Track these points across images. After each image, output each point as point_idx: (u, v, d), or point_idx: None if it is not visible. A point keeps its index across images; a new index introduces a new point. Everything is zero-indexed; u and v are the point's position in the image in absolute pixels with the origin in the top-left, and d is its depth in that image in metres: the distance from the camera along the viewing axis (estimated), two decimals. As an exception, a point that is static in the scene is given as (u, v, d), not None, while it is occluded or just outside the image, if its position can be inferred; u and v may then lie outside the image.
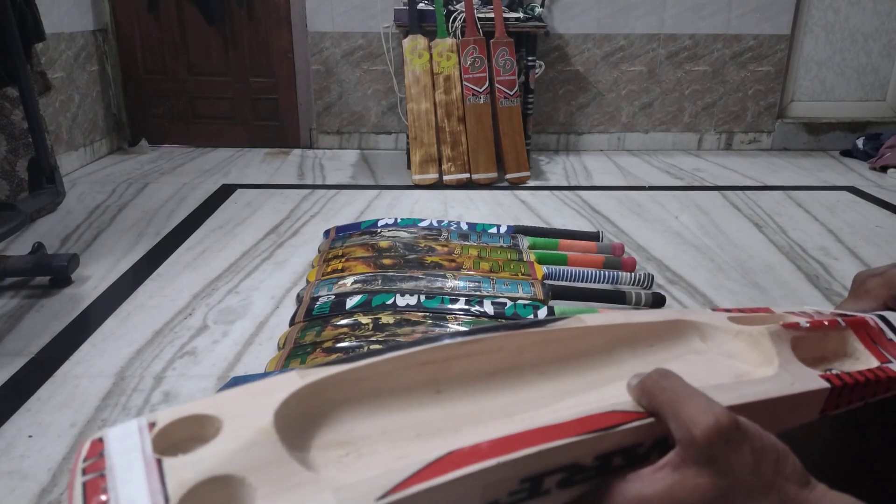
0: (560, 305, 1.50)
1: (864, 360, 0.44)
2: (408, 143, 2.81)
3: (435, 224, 2.03)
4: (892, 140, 3.09)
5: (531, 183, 2.79)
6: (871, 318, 0.46)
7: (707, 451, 0.30)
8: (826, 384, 0.39)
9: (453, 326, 1.38)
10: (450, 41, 2.73)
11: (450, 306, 1.46)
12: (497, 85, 2.75)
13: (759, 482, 0.30)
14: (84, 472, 0.28)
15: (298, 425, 0.33)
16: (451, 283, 1.57)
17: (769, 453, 0.31)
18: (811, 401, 0.39)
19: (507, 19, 2.78)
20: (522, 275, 1.66)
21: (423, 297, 1.49)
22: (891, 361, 0.43)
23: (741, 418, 0.31)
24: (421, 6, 2.79)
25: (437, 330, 1.36)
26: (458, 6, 2.78)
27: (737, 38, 3.29)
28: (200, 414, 0.31)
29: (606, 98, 3.35)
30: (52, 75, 2.64)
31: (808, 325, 0.43)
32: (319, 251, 1.91)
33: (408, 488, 0.28)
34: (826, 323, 0.44)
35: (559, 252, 1.84)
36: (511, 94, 2.77)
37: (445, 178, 2.72)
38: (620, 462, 0.34)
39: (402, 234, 1.94)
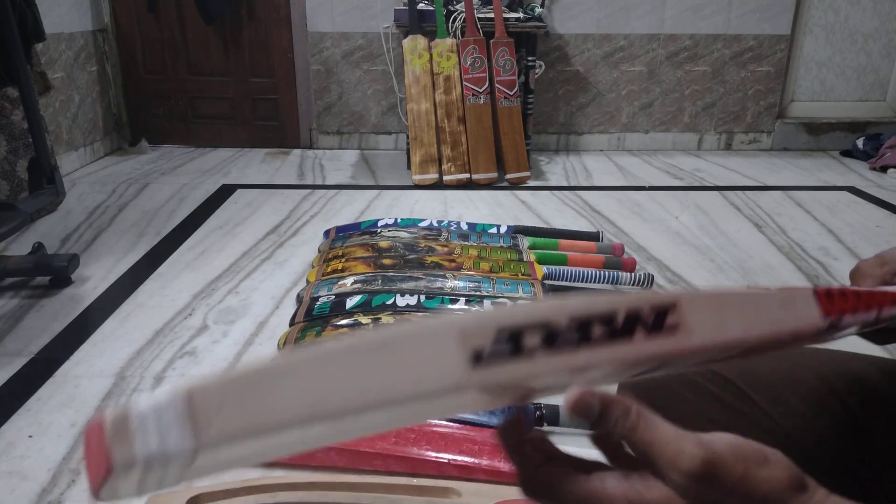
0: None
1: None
2: (408, 144, 2.81)
3: (435, 224, 2.03)
4: (892, 140, 3.09)
5: (531, 183, 2.79)
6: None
7: (699, 479, 0.30)
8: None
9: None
10: (450, 41, 2.73)
11: (450, 306, 1.46)
12: (497, 85, 2.75)
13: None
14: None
15: None
16: (451, 284, 1.57)
17: (773, 472, 0.31)
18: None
19: (507, 19, 2.78)
20: (522, 275, 1.66)
21: (423, 298, 1.49)
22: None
23: (714, 453, 0.30)
24: (421, 6, 2.79)
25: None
26: (458, 6, 2.78)
27: (737, 38, 3.29)
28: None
29: (606, 98, 3.35)
30: (52, 75, 2.64)
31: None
32: (319, 251, 1.91)
33: None
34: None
35: (559, 252, 1.84)
36: (511, 94, 2.76)
37: (445, 178, 2.72)
38: (601, 333, 0.33)
39: (402, 234, 1.94)
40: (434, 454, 1.03)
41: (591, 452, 0.36)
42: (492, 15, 2.77)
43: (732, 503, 0.30)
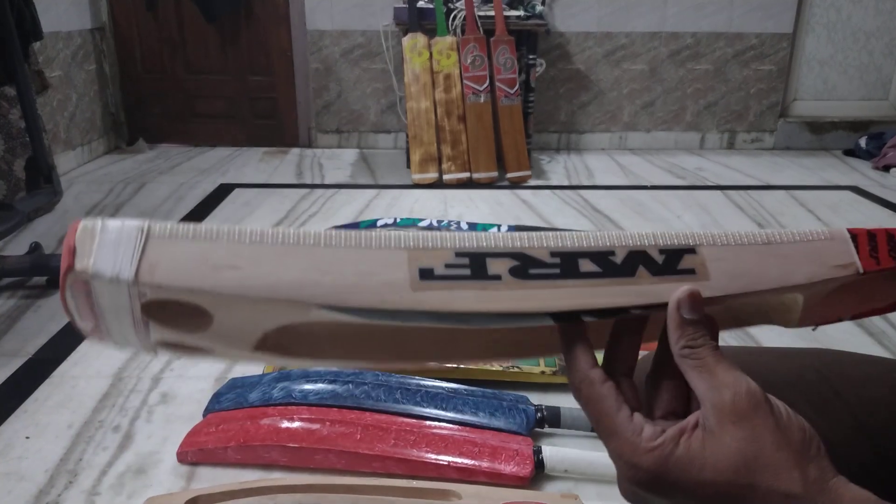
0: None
1: None
2: (407, 142, 2.80)
3: (435, 224, 2.02)
4: (895, 139, 3.08)
5: (532, 182, 2.78)
6: None
7: (736, 415, 0.31)
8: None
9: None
10: (450, 39, 2.72)
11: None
12: (497, 83, 2.74)
13: (783, 459, 0.30)
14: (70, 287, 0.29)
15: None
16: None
17: (795, 432, 0.31)
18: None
19: (507, 17, 2.77)
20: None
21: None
22: None
23: (770, 396, 0.32)
24: (420, 4, 2.77)
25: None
26: (457, 4, 2.76)
27: (739, 36, 3.27)
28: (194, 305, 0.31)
29: (608, 97, 3.34)
30: (49, 74, 2.63)
31: None
32: (319, 251, 1.89)
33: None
34: None
35: (560, 251, 1.83)
36: (512, 92, 2.75)
37: (445, 177, 2.71)
38: (591, 268, 0.31)
39: (403, 233, 1.92)
40: (434, 456, 1.02)
41: (592, 454, 0.35)
42: (492, 13, 2.75)
43: (766, 450, 0.30)
